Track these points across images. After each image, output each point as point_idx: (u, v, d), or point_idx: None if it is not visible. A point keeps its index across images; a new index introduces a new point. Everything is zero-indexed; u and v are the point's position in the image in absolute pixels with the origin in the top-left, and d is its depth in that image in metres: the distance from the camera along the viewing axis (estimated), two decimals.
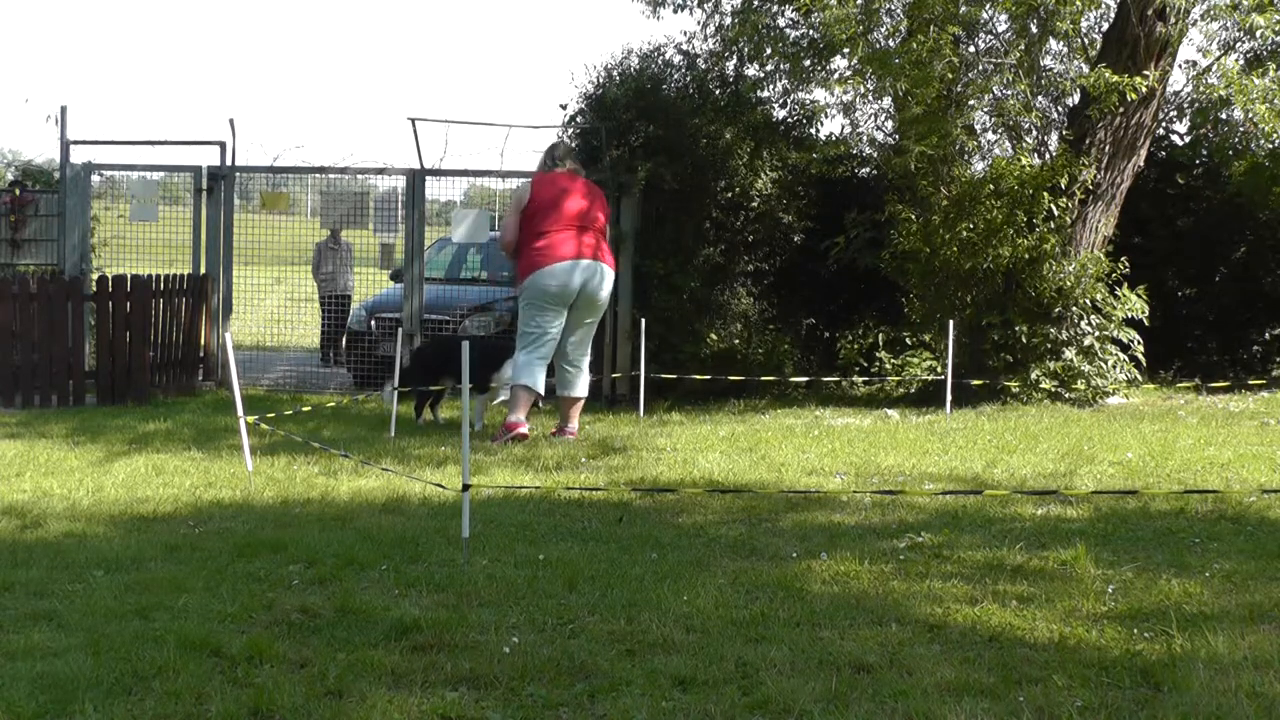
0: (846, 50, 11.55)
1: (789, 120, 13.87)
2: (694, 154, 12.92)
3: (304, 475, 7.83)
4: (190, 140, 15.30)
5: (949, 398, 10.94)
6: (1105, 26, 12.49)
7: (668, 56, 13.63)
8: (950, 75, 11.49)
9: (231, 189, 13.50)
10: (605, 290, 9.44)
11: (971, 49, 12.56)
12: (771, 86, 13.50)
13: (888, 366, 13.65)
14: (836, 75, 12.05)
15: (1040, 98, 12.98)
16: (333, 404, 11.30)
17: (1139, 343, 12.08)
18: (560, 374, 9.55)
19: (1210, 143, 14.28)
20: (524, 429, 9.21)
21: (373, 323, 13.34)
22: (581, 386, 9.55)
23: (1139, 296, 12.04)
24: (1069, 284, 11.60)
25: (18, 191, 13.50)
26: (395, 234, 14.39)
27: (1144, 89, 11.26)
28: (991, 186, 11.70)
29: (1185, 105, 14.38)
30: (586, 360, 9.65)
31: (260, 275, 14.58)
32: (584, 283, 9.22)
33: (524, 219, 9.28)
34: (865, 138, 13.29)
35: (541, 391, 9.42)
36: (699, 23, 13.65)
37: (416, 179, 13.15)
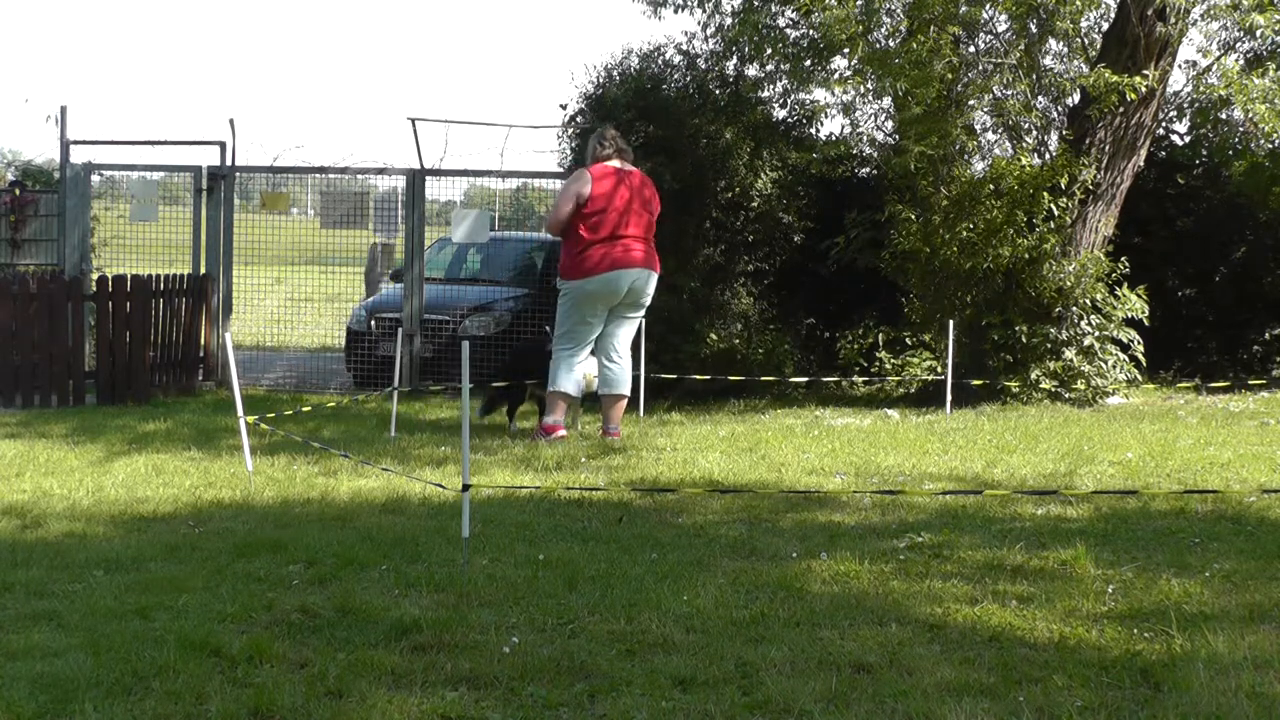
0: (846, 50, 11.55)
1: (789, 120, 13.86)
2: (694, 154, 12.92)
3: (304, 475, 7.83)
4: (190, 140, 15.30)
5: (949, 398, 10.95)
6: (1105, 26, 12.49)
7: (668, 56, 13.63)
8: (950, 75, 11.49)
9: (231, 189, 13.51)
10: (650, 290, 9.35)
11: (971, 49, 12.56)
12: (771, 86, 13.50)
13: (888, 366, 13.64)
14: (836, 75, 12.05)
15: (1040, 98, 12.98)
16: (333, 404, 11.30)
17: (1139, 343, 12.08)
18: (601, 371, 9.39)
19: (1210, 143, 14.27)
20: (563, 431, 9.21)
21: (373, 323, 13.35)
22: (624, 384, 9.38)
23: (1139, 296, 12.04)
24: (1069, 284, 11.60)
25: (18, 191, 13.51)
26: (395, 234, 14.39)
27: (1144, 89, 11.26)
28: (991, 186, 11.71)
29: (1185, 105, 14.37)
30: (628, 356, 9.52)
31: (260, 275, 14.59)
32: (630, 286, 9.15)
33: (580, 211, 9.06)
34: (865, 138, 13.29)
35: (577, 395, 9.38)
36: (699, 23, 13.66)
37: (416, 179, 13.16)
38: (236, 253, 13.58)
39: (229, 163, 13.38)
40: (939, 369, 12.38)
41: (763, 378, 12.48)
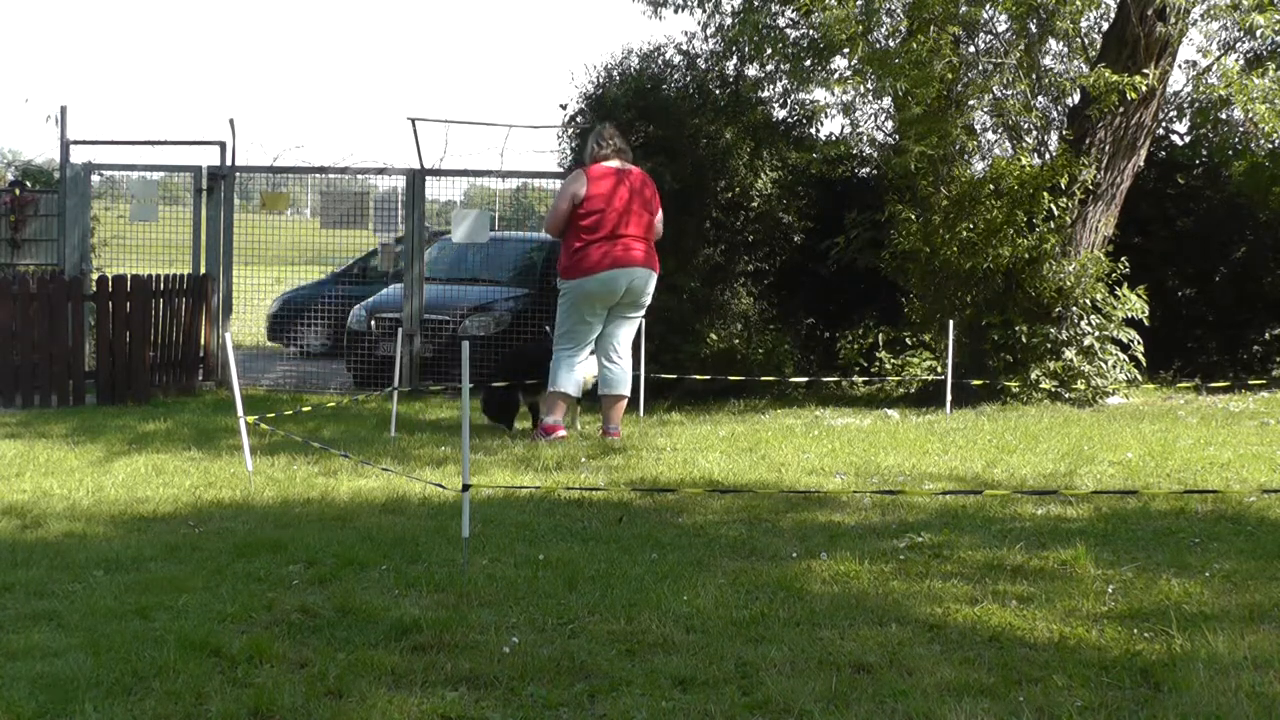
0: (846, 50, 11.55)
1: (789, 120, 13.86)
2: (694, 154, 12.92)
3: (304, 475, 7.83)
4: (190, 140, 15.30)
5: (949, 398, 10.94)
6: (1105, 26, 12.49)
7: (668, 56, 13.62)
8: (950, 75, 11.48)
9: (231, 189, 13.51)
10: (649, 290, 9.35)
11: (971, 49, 12.55)
12: (771, 86, 13.49)
13: (888, 366, 13.64)
14: (836, 75, 12.04)
15: (1040, 98, 12.98)
16: (333, 404, 11.30)
17: (1139, 343, 12.08)
18: (601, 371, 9.39)
19: (1210, 143, 14.27)
20: (563, 431, 9.21)
21: (373, 323, 13.35)
22: (624, 384, 9.37)
23: (1139, 296, 12.04)
24: (1069, 284, 11.60)
25: (18, 191, 13.51)
26: (395, 234, 14.39)
27: (1144, 89, 11.26)
28: (991, 186, 11.70)
29: (1185, 105, 14.36)
30: (629, 357, 9.50)
31: (260, 275, 14.60)
32: (629, 286, 9.15)
33: (576, 211, 9.05)
34: (865, 138, 13.28)
35: (577, 395, 9.38)
36: (699, 23, 13.65)
37: (416, 179, 13.16)
38: (236, 253, 13.58)
39: (229, 163, 13.38)
40: (939, 369, 12.38)
41: (763, 378, 12.47)
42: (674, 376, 12.14)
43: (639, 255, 9.14)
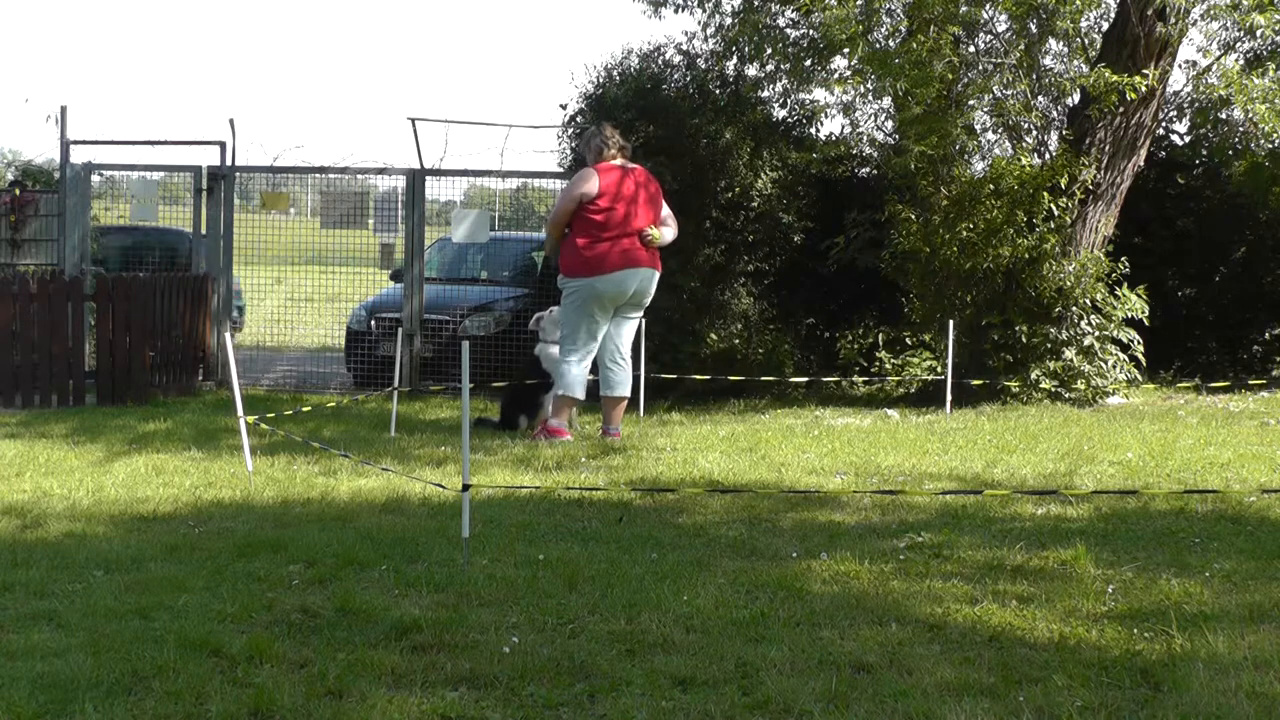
0: (846, 50, 11.54)
1: (789, 120, 13.86)
2: (694, 154, 12.91)
3: (304, 475, 7.83)
4: (190, 140, 15.27)
5: (949, 398, 10.94)
6: (1105, 26, 12.49)
7: (668, 56, 13.62)
8: (950, 75, 11.48)
9: (231, 189, 13.51)
10: (653, 290, 9.36)
11: (971, 49, 12.55)
12: (771, 86, 13.49)
13: (888, 366, 13.65)
14: (836, 75, 12.05)
15: (1040, 98, 12.98)
16: (333, 404, 11.30)
17: (1139, 342, 12.08)
18: (603, 373, 9.38)
19: (1210, 143, 14.27)
20: (568, 435, 9.20)
21: (373, 323, 13.34)
22: (626, 385, 9.37)
23: (1139, 296, 12.04)
24: (1069, 284, 11.60)
25: (18, 191, 13.52)
26: (395, 234, 14.40)
27: (1144, 89, 11.26)
28: (991, 186, 11.70)
29: (1185, 105, 14.37)
30: (629, 358, 9.50)
31: (260, 275, 14.60)
32: (637, 287, 9.15)
33: (581, 210, 9.03)
34: (865, 138, 13.28)
35: (583, 397, 9.38)
36: (699, 23, 13.65)
37: (416, 179, 13.16)
38: (236, 253, 13.58)
39: (229, 163, 13.37)
40: (939, 369, 12.38)
41: (763, 378, 12.47)
42: (674, 376, 12.14)
43: (644, 255, 9.14)
